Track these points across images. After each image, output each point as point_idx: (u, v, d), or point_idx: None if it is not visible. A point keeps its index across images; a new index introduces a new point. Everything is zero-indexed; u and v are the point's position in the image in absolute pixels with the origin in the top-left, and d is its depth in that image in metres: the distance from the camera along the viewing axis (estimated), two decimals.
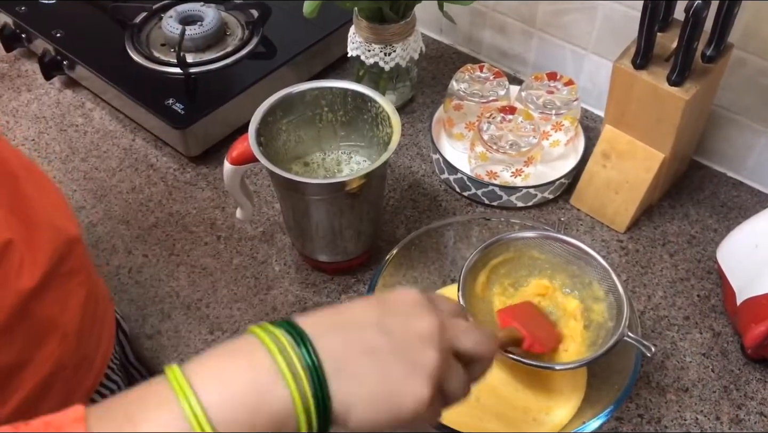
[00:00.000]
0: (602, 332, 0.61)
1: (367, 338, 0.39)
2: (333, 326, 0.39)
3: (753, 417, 0.64)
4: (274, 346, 0.37)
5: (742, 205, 0.81)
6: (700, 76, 0.67)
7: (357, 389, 0.38)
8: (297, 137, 0.74)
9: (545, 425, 0.60)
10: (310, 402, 0.36)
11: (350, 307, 0.41)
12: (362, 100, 0.71)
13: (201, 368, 0.37)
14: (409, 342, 0.40)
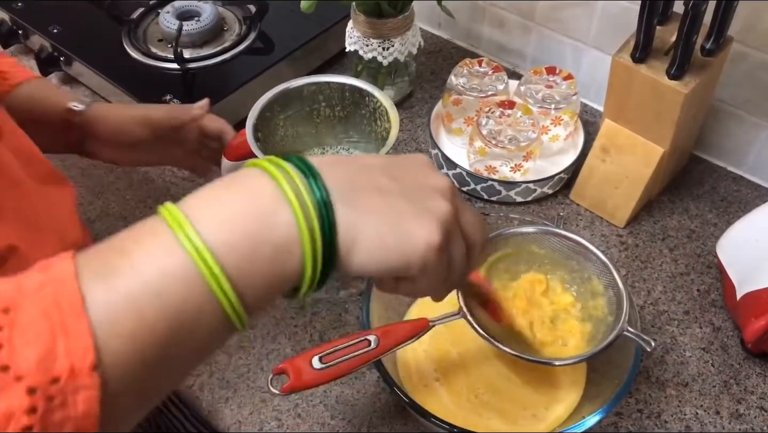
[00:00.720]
0: (602, 327, 0.61)
1: (376, 178, 0.37)
2: (342, 163, 0.38)
3: (753, 412, 0.64)
4: (278, 173, 0.34)
5: (742, 199, 0.80)
6: (699, 69, 0.66)
7: (365, 221, 0.35)
8: (295, 133, 0.74)
9: (545, 421, 0.60)
10: (315, 229, 0.34)
11: (360, 155, 0.40)
12: (360, 95, 0.71)
13: (196, 200, 0.34)
14: (420, 189, 0.38)
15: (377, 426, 0.63)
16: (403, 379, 0.62)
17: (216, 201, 0.34)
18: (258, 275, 0.33)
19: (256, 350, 0.68)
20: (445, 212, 0.38)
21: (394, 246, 0.36)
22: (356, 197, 0.36)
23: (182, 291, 0.31)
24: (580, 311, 0.64)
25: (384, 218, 0.36)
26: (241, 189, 0.34)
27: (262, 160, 0.36)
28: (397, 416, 0.64)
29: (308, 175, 0.35)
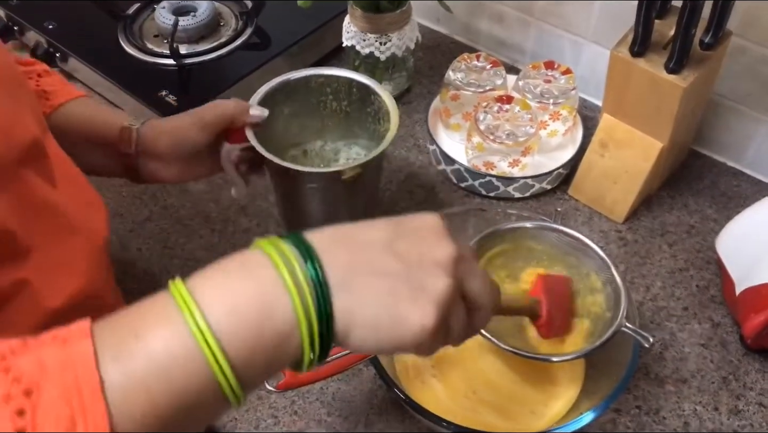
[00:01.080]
0: (600, 323, 0.60)
1: (376, 258, 0.38)
2: (342, 241, 0.38)
3: (752, 408, 0.64)
4: (279, 259, 0.36)
5: (742, 194, 0.80)
6: (698, 63, 0.66)
7: (361, 307, 0.37)
8: (299, 124, 0.73)
9: (543, 417, 0.60)
10: (312, 316, 0.35)
11: (365, 225, 0.40)
12: (366, 93, 0.71)
13: (205, 282, 0.36)
14: (421, 266, 0.38)
15: (374, 423, 0.63)
16: (399, 375, 0.62)
17: (223, 286, 0.36)
18: (259, 361, 0.35)
19: None
20: (444, 291, 0.38)
21: (388, 331, 0.37)
22: (354, 283, 0.37)
23: (188, 374, 0.34)
24: (578, 307, 0.63)
25: (381, 304, 0.37)
26: (246, 275, 0.36)
27: (265, 242, 0.37)
28: (394, 412, 0.63)
29: (307, 259, 0.36)
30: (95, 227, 0.55)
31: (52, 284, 0.48)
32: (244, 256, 0.37)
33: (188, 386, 0.33)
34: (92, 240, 0.53)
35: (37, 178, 0.49)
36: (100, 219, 0.56)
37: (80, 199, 0.55)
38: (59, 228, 0.50)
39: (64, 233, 0.50)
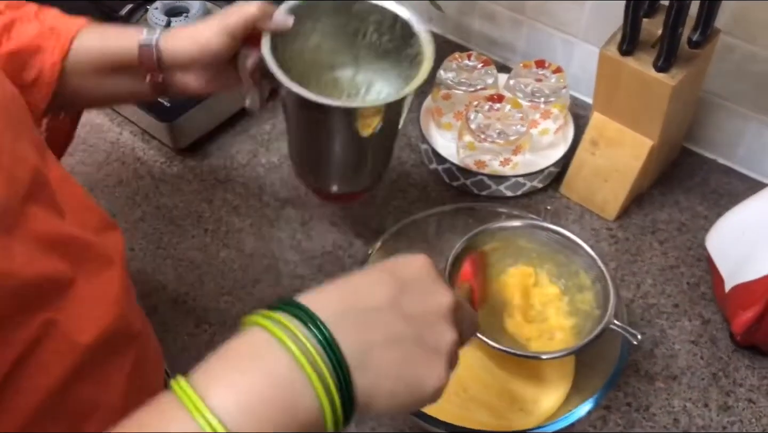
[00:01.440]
0: (589, 321, 0.61)
1: (388, 324, 0.37)
2: (350, 311, 0.37)
3: (741, 404, 0.64)
4: (290, 342, 0.34)
5: (732, 191, 0.80)
6: (686, 62, 0.66)
7: (379, 381, 0.36)
8: (331, 48, 0.67)
9: (533, 415, 0.60)
10: (336, 401, 0.34)
11: (362, 283, 0.39)
12: (409, 34, 0.65)
13: (213, 381, 0.34)
14: (429, 324, 0.38)
15: (365, 421, 0.63)
16: None
17: (236, 385, 0.33)
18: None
19: None
20: (452, 344, 0.39)
21: (406, 397, 0.38)
22: (371, 358, 0.36)
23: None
24: (567, 305, 0.64)
25: (398, 375, 0.37)
26: (259, 367, 0.34)
27: (266, 320, 0.35)
28: None
29: (320, 337, 0.35)
30: (114, 250, 0.51)
31: (82, 318, 0.45)
32: (249, 342, 0.35)
33: None
34: (114, 264, 0.50)
35: (44, 212, 0.45)
36: (116, 240, 0.53)
37: (92, 224, 0.52)
38: (78, 259, 0.46)
39: (85, 263, 0.47)
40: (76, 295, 0.45)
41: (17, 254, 0.40)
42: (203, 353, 0.35)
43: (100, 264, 0.48)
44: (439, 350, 0.38)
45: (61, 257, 0.44)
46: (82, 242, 0.47)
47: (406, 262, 0.41)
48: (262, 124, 0.89)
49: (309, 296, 0.37)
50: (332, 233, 0.78)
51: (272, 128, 0.88)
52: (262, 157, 0.85)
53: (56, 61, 0.58)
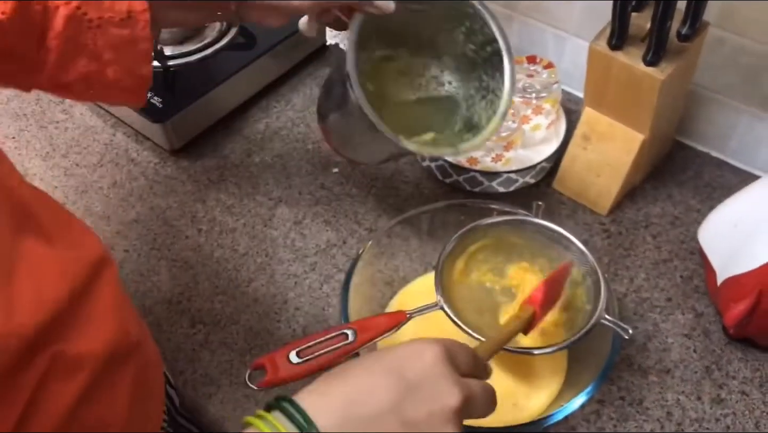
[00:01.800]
0: (580, 316, 0.61)
1: (382, 429, 0.37)
2: (349, 418, 0.37)
3: (734, 396, 0.64)
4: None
5: (725, 184, 0.80)
6: (675, 55, 0.66)
7: None
8: (416, 33, 0.65)
9: (525, 410, 0.60)
10: None
11: (365, 386, 0.38)
12: (497, 65, 0.64)
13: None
14: (429, 424, 0.38)
15: None
16: None
17: None
18: None
19: (239, 346, 0.69)
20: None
21: None
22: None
23: None
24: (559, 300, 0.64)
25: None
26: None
27: (263, 424, 0.36)
28: None
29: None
30: (103, 261, 0.50)
31: (84, 340, 0.45)
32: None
33: None
34: (106, 277, 0.49)
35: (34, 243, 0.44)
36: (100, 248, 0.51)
37: (76, 239, 0.50)
38: (73, 282, 0.45)
39: (78, 284, 0.46)
40: (76, 320, 0.45)
41: (17, 307, 0.39)
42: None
43: (92, 280, 0.48)
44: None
45: (58, 288, 0.43)
46: (74, 263, 0.46)
47: (415, 356, 0.40)
48: (256, 124, 0.89)
49: (310, 396, 0.37)
50: (326, 231, 0.78)
51: (265, 128, 0.89)
52: (256, 157, 0.85)
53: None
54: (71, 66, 0.53)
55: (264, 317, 0.71)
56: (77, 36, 0.51)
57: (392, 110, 0.66)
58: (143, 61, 0.55)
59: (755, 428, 0.62)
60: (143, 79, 0.56)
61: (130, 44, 0.53)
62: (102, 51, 0.53)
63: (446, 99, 0.70)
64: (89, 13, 0.51)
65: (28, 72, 0.53)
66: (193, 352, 0.68)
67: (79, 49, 0.52)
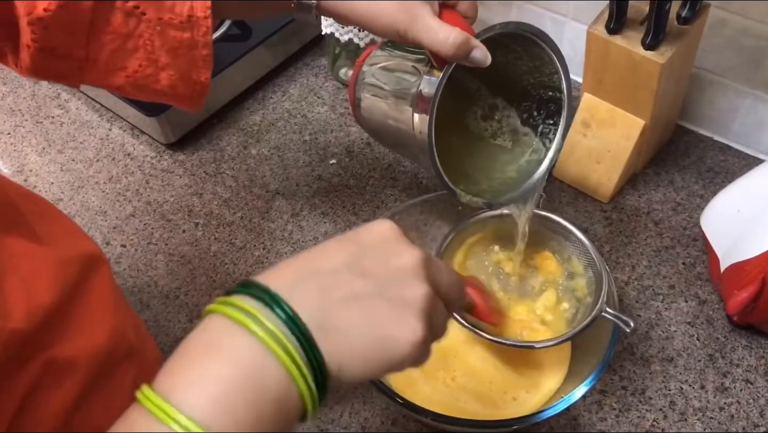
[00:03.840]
0: (582, 308, 0.60)
1: (346, 284, 0.36)
2: (303, 276, 0.36)
3: (738, 384, 0.63)
4: (250, 322, 0.33)
5: (729, 169, 0.79)
6: (675, 38, 0.65)
7: (345, 343, 0.35)
8: (491, 76, 0.60)
9: (526, 404, 0.59)
10: (305, 371, 0.33)
11: (319, 251, 0.37)
12: (551, 107, 0.60)
13: (177, 380, 0.33)
14: (393, 279, 0.37)
15: (359, 411, 0.63)
16: None
17: (200, 378, 0.32)
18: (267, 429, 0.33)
19: None
20: (424, 297, 0.37)
21: (379, 357, 0.36)
22: (332, 319, 0.35)
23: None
24: (560, 291, 0.63)
25: (364, 333, 0.35)
26: (221, 355, 0.33)
27: (223, 307, 0.34)
28: (378, 400, 0.63)
29: (280, 312, 0.34)
30: (95, 261, 0.49)
31: (77, 345, 0.43)
32: (207, 333, 0.34)
33: None
34: (99, 282, 0.48)
35: (20, 243, 0.42)
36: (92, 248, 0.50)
37: (65, 239, 0.49)
38: (63, 285, 0.44)
39: (69, 285, 0.44)
40: (68, 322, 0.44)
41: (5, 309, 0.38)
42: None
43: (84, 281, 0.46)
44: (407, 303, 0.36)
45: (48, 289, 0.42)
46: (64, 263, 0.45)
47: (369, 228, 0.39)
48: (252, 115, 0.88)
49: (264, 274, 0.36)
50: (324, 223, 0.77)
51: (262, 120, 0.88)
52: (252, 149, 0.85)
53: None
54: (123, 66, 0.51)
55: None
56: (133, 35, 0.49)
57: (449, 145, 0.60)
58: (202, 67, 0.52)
59: (760, 417, 0.61)
60: (200, 86, 0.53)
61: (189, 49, 0.51)
62: (159, 54, 0.50)
63: (507, 146, 0.64)
64: (148, 12, 0.49)
65: (76, 70, 0.51)
66: None
67: (133, 50, 0.50)
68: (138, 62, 0.51)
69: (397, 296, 0.36)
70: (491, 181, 0.61)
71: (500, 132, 0.64)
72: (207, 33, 0.50)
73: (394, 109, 0.57)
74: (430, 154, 0.54)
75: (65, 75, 0.52)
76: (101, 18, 0.48)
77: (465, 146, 0.63)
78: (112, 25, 0.49)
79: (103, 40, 0.49)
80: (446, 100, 0.53)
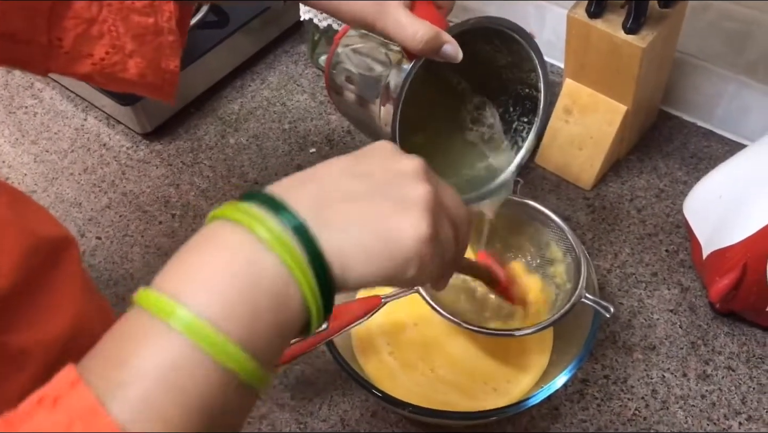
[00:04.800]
0: (561, 295, 0.59)
1: (343, 184, 0.35)
2: (301, 180, 0.35)
3: (720, 372, 0.63)
4: (245, 217, 0.32)
5: (712, 155, 0.78)
6: (657, 22, 0.64)
7: (347, 238, 0.33)
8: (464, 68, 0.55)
9: (507, 394, 0.59)
10: (304, 265, 0.32)
11: (320, 164, 0.37)
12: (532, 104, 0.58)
13: (173, 275, 0.32)
14: (392, 180, 0.35)
15: (338, 403, 0.62)
16: (357, 352, 0.61)
17: (194, 270, 0.32)
18: (265, 331, 0.31)
19: None
20: (426, 195, 0.35)
21: (383, 253, 0.34)
22: (330, 215, 0.33)
23: (203, 380, 0.30)
24: (539, 278, 0.62)
25: (365, 227, 0.34)
26: (214, 249, 0.32)
27: (220, 210, 0.33)
28: (359, 392, 0.62)
29: (276, 209, 0.33)
30: (60, 250, 0.47)
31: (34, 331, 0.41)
32: (204, 231, 0.33)
33: (209, 391, 0.30)
34: (65, 266, 0.46)
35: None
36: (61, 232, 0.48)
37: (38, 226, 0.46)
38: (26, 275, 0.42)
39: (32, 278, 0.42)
40: (24, 308, 0.42)
41: None
42: None
43: (49, 269, 0.44)
44: (407, 200, 0.35)
45: (7, 276, 0.40)
46: (32, 251, 0.43)
47: (366, 147, 0.38)
48: (230, 104, 0.87)
49: (269, 185, 0.35)
50: None
51: (240, 108, 0.86)
52: (231, 138, 0.83)
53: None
54: (89, 54, 0.49)
55: None
56: (96, 20, 0.48)
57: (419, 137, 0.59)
58: (170, 54, 0.51)
59: (741, 404, 0.61)
60: (169, 75, 0.52)
61: (155, 35, 0.49)
62: (124, 40, 0.49)
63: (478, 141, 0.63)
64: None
65: (40, 56, 0.49)
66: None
67: (98, 36, 0.49)
68: (104, 49, 0.50)
69: (397, 194, 0.35)
70: (459, 177, 0.59)
71: (474, 126, 0.62)
72: (170, 18, 0.49)
73: (362, 97, 0.56)
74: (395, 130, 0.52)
75: (29, 62, 0.50)
76: (62, 2, 0.47)
77: (436, 139, 0.61)
78: (74, 9, 0.47)
79: (65, 25, 0.48)
80: (419, 88, 0.51)
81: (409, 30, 0.47)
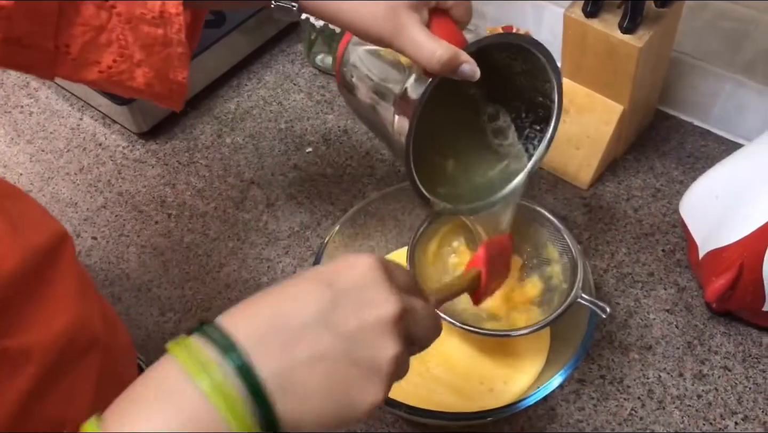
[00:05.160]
0: (557, 295, 0.59)
1: (313, 341, 0.34)
2: (270, 329, 0.34)
3: (717, 372, 0.63)
4: (200, 374, 0.32)
5: (709, 154, 0.78)
6: (653, 21, 0.64)
7: (306, 406, 0.34)
8: None
9: (503, 395, 0.59)
10: (249, 423, 0.32)
11: (291, 294, 0.36)
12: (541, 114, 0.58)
13: (123, 423, 0.32)
14: (364, 337, 0.35)
15: None
16: None
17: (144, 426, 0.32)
18: None
19: None
20: (393, 359, 0.35)
21: (336, 417, 0.35)
22: (294, 380, 0.33)
23: None
24: (536, 278, 0.62)
25: (325, 397, 0.34)
26: (168, 403, 0.32)
27: (180, 350, 0.33)
28: None
29: (237, 369, 0.32)
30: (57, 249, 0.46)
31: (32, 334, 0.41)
32: (159, 377, 0.33)
33: None
34: (63, 266, 0.46)
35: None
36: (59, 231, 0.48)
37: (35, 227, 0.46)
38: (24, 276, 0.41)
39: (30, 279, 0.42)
40: (23, 309, 0.41)
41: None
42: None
43: (46, 269, 0.44)
44: (375, 367, 0.35)
45: (6, 278, 0.40)
46: (31, 253, 0.43)
47: (347, 266, 0.37)
48: (226, 103, 0.87)
49: (231, 315, 0.35)
50: (299, 213, 0.76)
51: (236, 107, 0.86)
52: (227, 138, 0.83)
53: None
54: (96, 61, 0.49)
55: (236, 303, 0.69)
56: (105, 29, 0.48)
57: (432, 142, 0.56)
58: (178, 66, 0.51)
59: (737, 404, 0.61)
60: (177, 86, 0.52)
61: (164, 46, 0.49)
62: (133, 50, 0.49)
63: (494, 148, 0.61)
64: (119, 6, 0.48)
65: (46, 62, 0.49)
66: (163, 341, 0.65)
67: (106, 44, 0.49)
68: (112, 57, 0.50)
69: (366, 357, 0.35)
70: (470, 184, 0.58)
71: (488, 131, 0.61)
72: (180, 30, 0.49)
73: (375, 100, 0.55)
74: (406, 163, 0.51)
75: (34, 66, 0.50)
76: (71, 8, 0.47)
77: (449, 144, 0.60)
78: (82, 17, 0.47)
79: (73, 32, 0.48)
80: (433, 93, 0.50)
81: (427, 50, 0.46)
